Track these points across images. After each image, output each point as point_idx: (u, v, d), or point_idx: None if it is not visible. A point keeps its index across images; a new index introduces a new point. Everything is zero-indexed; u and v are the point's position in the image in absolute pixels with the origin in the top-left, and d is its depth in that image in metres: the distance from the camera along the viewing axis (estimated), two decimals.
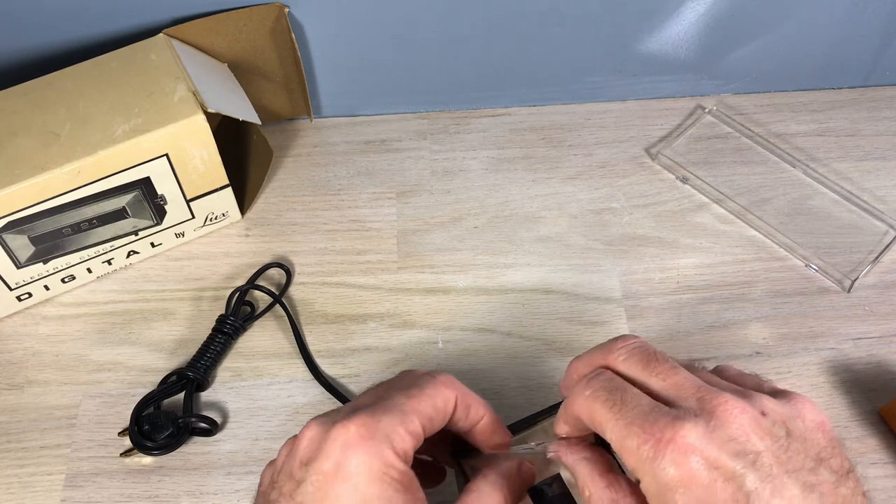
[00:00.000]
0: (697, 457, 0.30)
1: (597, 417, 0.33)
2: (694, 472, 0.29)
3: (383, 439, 0.33)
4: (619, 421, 0.32)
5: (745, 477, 0.29)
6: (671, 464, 0.30)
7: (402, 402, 0.35)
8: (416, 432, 0.35)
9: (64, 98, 0.53)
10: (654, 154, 0.65)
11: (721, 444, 0.30)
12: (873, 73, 0.68)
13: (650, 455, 0.30)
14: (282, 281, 0.58)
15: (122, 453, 0.50)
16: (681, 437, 0.30)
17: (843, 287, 0.57)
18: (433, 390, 0.36)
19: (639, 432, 0.31)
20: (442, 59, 0.64)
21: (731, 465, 0.29)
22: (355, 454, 0.33)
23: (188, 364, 0.52)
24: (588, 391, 0.34)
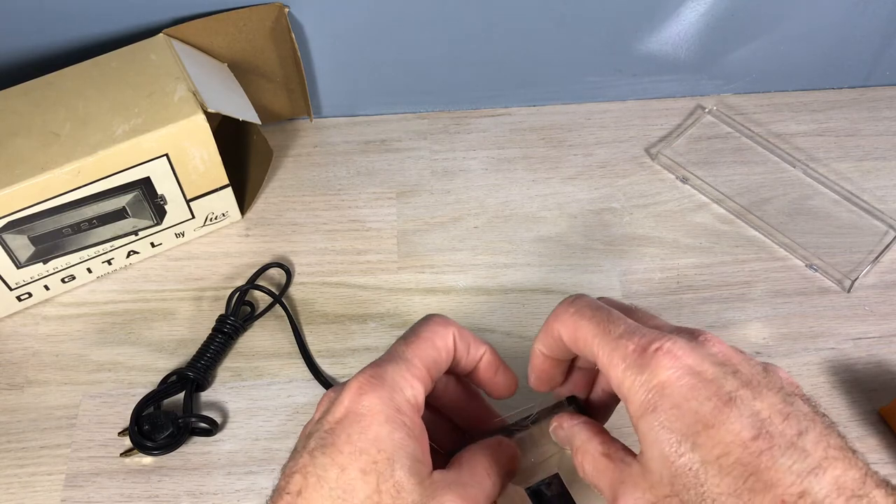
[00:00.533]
0: (683, 363, 0.31)
1: (582, 333, 0.34)
2: (680, 375, 0.31)
3: (392, 386, 0.34)
4: (606, 335, 0.33)
5: (726, 381, 0.31)
6: (658, 368, 0.31)
7: (402, 350, 0.36)
8: (422, 376, 0.35)
9: (64, 98, 0.53)
10: (654, 154, 0.65)
11: (704, 356, 0.31)
12: (873, 73, 0.68)
13: (638, 363, 0.31)
14: (282, 281, 0.58)
15: (122, 453, 0.50)
16: (667, 347, 0.31)
17: (843, 287, 0.57)
18: (429, 332, 0.37)
19: (627, 343, 0.32)
20: (442, 59, 0.64)
21: (713, 371, 0.31)
22: (366, 398, 0.34)
23: (188, 364, 0.52)
24: (573, 308, 0.35)
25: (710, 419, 0.30)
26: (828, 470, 0.28)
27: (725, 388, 0.30)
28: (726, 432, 0.29)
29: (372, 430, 0.33)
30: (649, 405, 0.31)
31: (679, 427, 0.30)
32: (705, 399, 0.30)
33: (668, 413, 0.30)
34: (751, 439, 0.29)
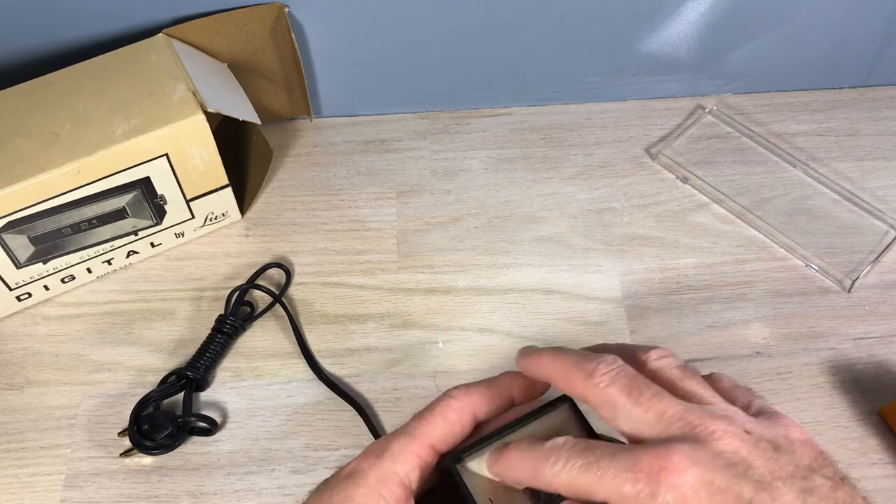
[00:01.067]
0: (690, 475, 0.30)
1: (578, 484, 0.33)
2: (693, 490, 0.30)
3: (389, 458, 0.35)
4: (603, 478, 0.32)
5: (742, 487, 0.30)
6: (669, 490, 0.30)
7: (413, 424, 0.37)
8: (423, 453, 0.36)
9: (64, 98, 0.53)
10: (654, 154, 0.64)
11: (709, 460, 0.30)
12: (873, 73, 0.68)
13: (648, 491, 0.30)
14: (282, 281, 0.58)
15: (121, 453, 0.50)
16: (669, 464, 0.30)
17: (844, 287, 0.57)
18: (443, 406, 0.37)
19: (628, 476, 0.31)
20: (442, 59, 0.64)
21: (724, 478, 0.30)
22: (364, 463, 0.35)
23: (188, 364, 0.52)
24: (559, 465, 0.33)
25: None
26: None
27: (743, 496, 0.29)
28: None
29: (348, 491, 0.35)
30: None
31: None
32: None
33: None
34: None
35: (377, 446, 0.36)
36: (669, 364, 0.35)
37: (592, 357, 0.35)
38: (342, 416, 0.51)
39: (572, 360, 0.35)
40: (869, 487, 0.49)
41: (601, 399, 0.34)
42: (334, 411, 0.52)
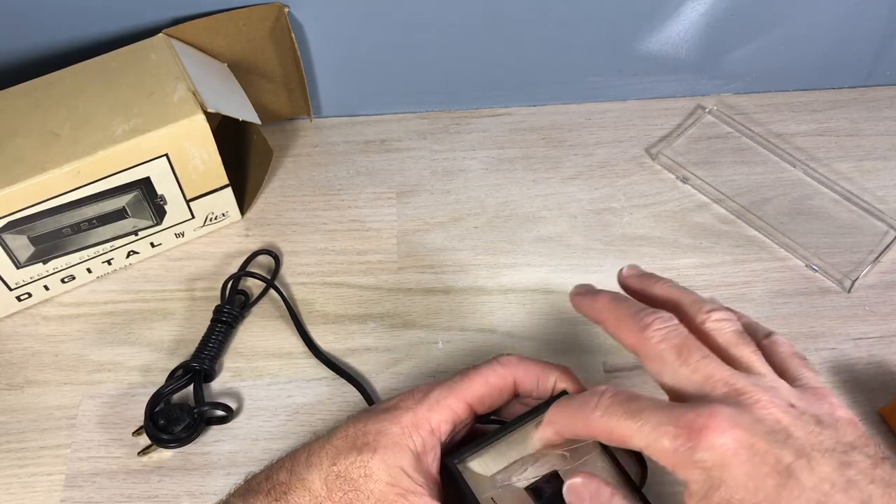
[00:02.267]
0: (730, 437, 0.30)
1: (618, 432, 0.33)
2: (733, 451, 0.30)
3: (425, 405, 0.38)
4: (643, 427, 0.32)
5: (782, 452, 0.30)
6: (709, 448, 0.30)
7: (456, 378, 0.39)
8: (458, 407, 0.38)
9: (64, 98, 0.53)
10: (654, 154, 0.64)
11: (751, 424, 0.30)
12: (873, 73, 0.68)
13: (687, 447, 0.30)
14: (272, 267, 0.58)
15: (139, 452, 0.50)
16: (712, 422, 0.30)
17: (844, 287, 0.57)
18: (488, 369, 0.40)
19: (669, 430, 0.31)
20: (442, 59, 0.64)
21: (764, 442, 0.30)
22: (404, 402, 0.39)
23: (192, 356, 0.53)
24: (599, 412, 0.34)
25: (775, 496, 0.29)
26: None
27: (783, 460, 0.30)
28: None
29: (382, 424, 0.38)
30: (713, 484, 0.30)
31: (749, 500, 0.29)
32: (766, 476, 0.30)
33: (734, 491, 0.30)
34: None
35: (420, 391, 0.39)
36: (726, 328, 0.36)
37: (649, 311, 0.35)
38: (342, 416, 0.51)
39: (629, 310, 0.36)
40: None
41: (651, 353, 0.35)
42: (334, 412, 0.52)
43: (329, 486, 0.37)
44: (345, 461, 0.37)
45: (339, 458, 0.37)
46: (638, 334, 0.35)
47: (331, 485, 0.37)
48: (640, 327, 0.35)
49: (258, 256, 0.58)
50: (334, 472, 0.37)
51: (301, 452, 0.39)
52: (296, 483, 0.37)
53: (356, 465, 0.37)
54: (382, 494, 0.36)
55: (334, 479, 0.37)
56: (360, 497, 0.36)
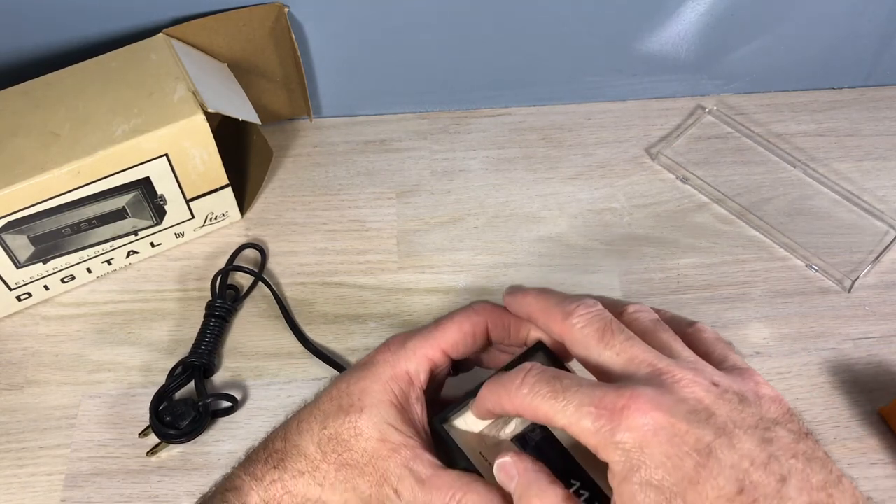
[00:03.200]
0: (651, 417, 0.30)
1: (542, 411, 0.33)
2: (653, 431, 0.30)
3: (403, 355, 0.39)
4: (567, 407, 0.32)
5: (702, 431, 0.30)
6: (629, 429, 0.30)
7: (432, 327, 0.40)
8: (434, 356, 0.39)
9: (64, 98, 0.53)
10: (654, 154, 0.64)
11: (672, 405, 0.30)
12: (873, 73, 0.68)
13: (608, 428, 0.31)
14: (258, 260, 0.59)
15: (148, 452, 0.50)
16: (633, 403, 0.30)
17: (844, 287, 0.57)
18: (461, 316, 0.40)
19: (591, 411, 0.31)
20: (442, 59, 0.64)
21: (685, 423, 0.30)
22: (380, 356, 0.40)
23: (189, 353, 0.53)
24: (525, 389, 0.34)
25: (694, 476, 0.29)
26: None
27: (703, 440, 0.30)
28: (711, 488, 0.29)
29: (364, 383, 0.39)
30: (633, 465, 0.30)
31: (667, 485, 0.29)
32: (685, 455, 0.30)
33: (654, 472, 0.30)
34: (736, 493, 0.29)
35: (395, 343, 0.40)
36: (645, 317, 0.36)
37: (573, 299, 0.36)
38: None
39: (553, 300, 0.37)
40: (868, 487, 0.49)
41: (575, 339, 0.35)
42: None
43: (323, 450, 0.38)
44: (334, 424, 0.38)
45: (328, 421, 0.39)
46: (562, 322, 0.36)
47: (324, 447, 0.38)
48: (565, 314, 0.36)
49: (245, 250, 0.59)
50: (326, 435, 0.38)
51: (292, 421, 0.40)
52: (291, 449, 0.39)
53: (345, 427, 0.38)
54: (375, 451, 0.37)
55: (327, 442, 0.38)
56: (354, 456, 0.38)
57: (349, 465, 0.37)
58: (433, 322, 0.41)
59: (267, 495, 0.38)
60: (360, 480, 0.37)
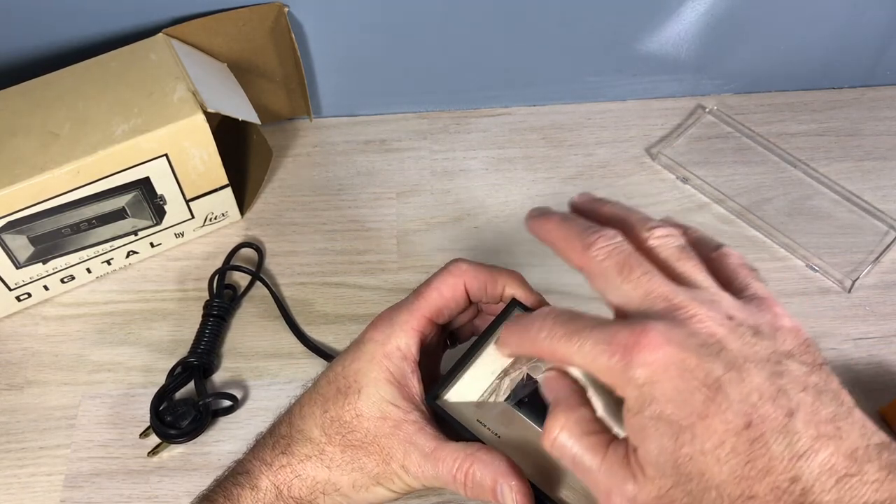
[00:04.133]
0: (662, 353, 0.30)
1: (559, 353, 0.34)
2: (664, 367, 0.30)
3: (392, 332, 0.40)
4: (582, 348, 0.32)
5: (712, 365, 0.30)
6: (641, 365, 0.30)
7: (412, 298, 0.41)
8: (421, 326, 0.40)
9: (64, 98, 0.53)
10: (654, 154, 0.64)
11: (683, 339, 0.31)
12: (874, 73, 0.68)
13: (621, 365, 0.31)
14: (255, 259, 0.59)
15: (149, 452, 0.50)
16: (644, 339, 0.31)
17: (844, 287, 0.57)
18: (439, 281, 0.41)
19: (605, 349, 0.32)
20: (442, 59, 0.64)
21: (696, 357, 0.30)
22: (369, 334, 0.40)
23: (188, 353, 0.53)
24: (543, 333, 0.34)
25: (703, 410, 0.30)
26: (819, 452, 0.28)
27: (712, 374, 0.30)
28: (719, 422, 0.29)
29: (358, 364, 0.40)
30: (644, 400, 0.30)
31: (676, 419, 0.30)
32: (695, 389, 0.30)
33: (664, 406, 0.30)
34: (743, 427, 0.29)
35: (382, 321, 0.41)
36: (669, 243, 0.36)
37: (594, 230, 0.36)
38: None
39: (575, 230, 0.36)
40: None
41: (595, 271, 0.35)
42: None
43: (327, 432, 0.39)
44: (334, 406, 0.39)
45: (328, 404, 0.39)
46: (582, 253, 0.35)
47: (328, 430, 0.39)
48: (585, 245, 0.35)
49: (242, 249, 0.59)
50: (328, 418, 0.39)
51: (295, 406, 0.41)
52: (296, 434, 0.40)
53: (346, 409, 0.39)
54: (377, 430, 0.38)
55: (330, 425, 0.39)
56: (358, 436, 0.38)
57: (354, 445, 0.38)
58: (413, 292, 0.41)
59: (277, 479, 0.39)
60: (366, 460, 0.38)
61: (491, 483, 0.37)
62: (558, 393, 0.35)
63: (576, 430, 0.33)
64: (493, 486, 0.37)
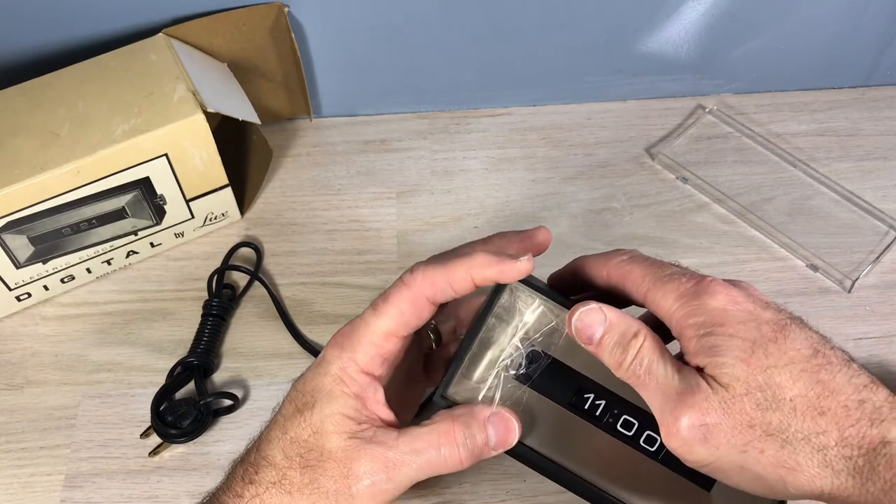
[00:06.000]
0: (734, 295, 0.35)
1: (634, 273, 0.38)
2: (733, 301, 0.35)
3: (351, 347, 0.38)
4: (659, 272, 0.37)
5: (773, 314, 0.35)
6: (716, 295, 0.35)
7: (370, 317, 0.39)
8: (378, 342, 0.38)
9: (64, 98, 0.53)
10: (654, 154, 0.64)
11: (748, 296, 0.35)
12: (874, 73, 0.68)
13: (694, 292, 0.35)
14: (254, 259, 0.59)
15: (150, 452, 0.50)
16: (718, 282, 0.36)
17: (844, 287, 0.57)
18: (397, 297, 0.39)
19: (681, 279, 0.36)
20: (442, 59, 0.64)
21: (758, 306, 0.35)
22: (328, 352, 0.39)
23: (188, 353, 0.53)
24: (625, 256, 0.39)
25: (773, 336, 0.33)
26: (880, 387, 0.33)
27: (776, 319, 0.34)
28: (789, 348, 0.33)
29: (315, 381, 0.39)
30: (715, 322, 0.34)
31: (750, 338, 0.33)
32: (763, 323, 0.34)
33: (736, 328, 0.34)
34: (811, 356, 0.33)
35: (342, 335, 0.39)
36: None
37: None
38: None
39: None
40: None
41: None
42: None
43: (287, 455, 0.38)
44: (293, 426, 0.38)
45: (287, 424, 0.39)
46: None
47: (288, 452, 0.38)
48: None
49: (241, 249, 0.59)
50: (288, 439, 0.38)
51: (263, 430, 0.40)
52: (261, 461, 0.38)
53: (303, 427, 0.38)
54: (334, 445, 0.37)
55: (290, 446, 0.38)
56: (314, 455, 0.37)
57: (311, 465, 0.37)
58: (371, 306, 0.39)
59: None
60: (323, 479, 0.37)
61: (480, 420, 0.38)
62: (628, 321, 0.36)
63: (656, 346, 0.35)
64: (483, 422, 0.38)
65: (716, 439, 0.33)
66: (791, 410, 0.32)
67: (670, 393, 0.34)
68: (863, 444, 0.32)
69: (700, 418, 0.33)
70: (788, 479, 0.32)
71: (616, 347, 0.36)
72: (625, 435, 0.38)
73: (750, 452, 0.32)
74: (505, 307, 0.40)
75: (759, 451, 0.32)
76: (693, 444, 0.33)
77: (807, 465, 0.32)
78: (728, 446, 0.33)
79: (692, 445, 0.33)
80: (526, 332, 0.40)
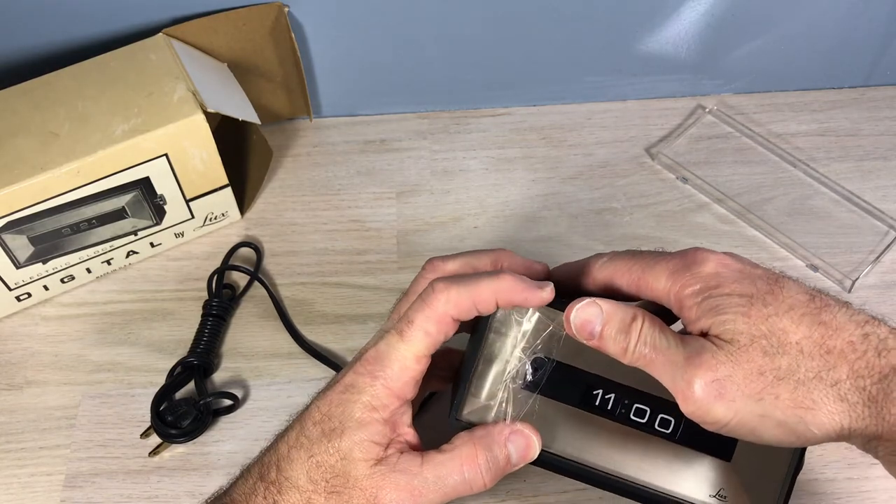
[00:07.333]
0: (724, 258, 0.36)
1: (620, 269, 0.38)
2: (724, 263, 0.36)
3: (381, 378, 0.38)
4: (644, 259, 0.38)
5: (764, 271, 0.36)
6: (705, 262, 0.36)
7: (395, 339, 0.39)
8: (410, 366, 0.38)
9: (64, 98, 0.53)
10: (654, 154, 0.64)
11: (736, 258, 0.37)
12: (874, 73, 0.68)
13: (683, 264, 0.36)
14: (254, 259, 0.59)
15: (150, 452, 0.50)
16: (704, 249, 0.37)
17: (844, 287, 0.57)
18: (423, 319, 0.39)
19: (668, 257, 0.37)
20: (442, 59, 0.64)
21: (748, 265, 0.37)
22: (359, 379, 0.38)
23: (188, 353, 0.53)
24: (605, 258, 0.40)
25: (769, 288, 0.35)
26: (881, 322, 0.34)
27: (768, 274, 0.36)
28: (787, 294, 0.35)
29: (343, 406, 0.38)
30: (710, 286, 0.35)
31: (747, 293, 0.34)
32: (757, 279, 0.35)
33: (732, 286, 0.35)
34: (808, 301, 0.35)
35: (370, 364, 0.39)
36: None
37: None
38: None
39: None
40: (868, 487, 0.49)
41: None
42: None
43: (313, 479, 0.38)
44: (319, 450, 0.38)
45: (313, 448, 0.38)
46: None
47: (313, 476, 0.38)
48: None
49: (241, 249, 0.59)
50: (314, 463, 0.38)
51: (282, 445, 0.39)
52: (283, 482, 0.38)
53: (330, 452, 0.38)
54: (360, 472, 0.37)
55: (315, 470, 0.38)
56: (340, 481, 0.37)
57: (337, 491, 0.37)
58: (396, 330, 0.39)
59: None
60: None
61: (500, 440, 0.38)
62: (624, 308, 0.37)
63: (656, 324, 0.36)
64: (503, 442, 0.38)
65: (730, 393, 0.33)
66: (798, 352, 0.33)
67: (678, 361, 0.34)
68: (874, 373, 0.32)
69: (711, 375, 0.33)
70: (808, 419, 0.33)
71: (618, 335, 0.36)
72: (639, 423, 0.39)
73: (766, 399, 0.33)
74: (501, 321, 0.40)
75: (775, 397, 0.33)
76: (710, 404, 0.33)
77: (823, 401, 0.33)
78: (743, 398, 0.33)
79: (709, 406, 0.33)
80: (526, 342, 0.40)
